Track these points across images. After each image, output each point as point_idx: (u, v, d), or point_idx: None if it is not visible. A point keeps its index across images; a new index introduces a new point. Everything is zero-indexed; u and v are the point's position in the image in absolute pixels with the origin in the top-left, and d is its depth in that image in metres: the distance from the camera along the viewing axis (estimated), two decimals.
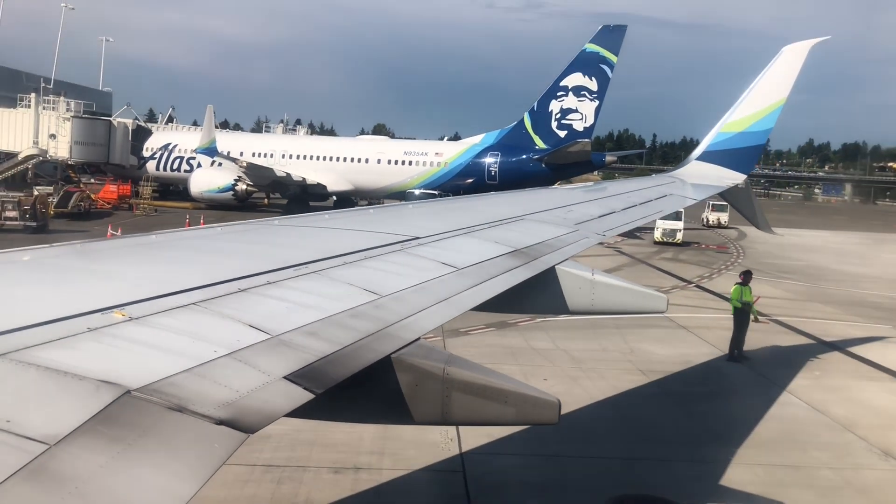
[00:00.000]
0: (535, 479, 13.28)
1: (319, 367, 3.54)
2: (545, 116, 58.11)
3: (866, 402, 18.60)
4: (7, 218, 41.84)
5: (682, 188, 16.15)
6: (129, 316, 3.52)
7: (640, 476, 13.70)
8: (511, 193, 14.23)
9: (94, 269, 4.46)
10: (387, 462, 13.40)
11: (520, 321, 24.25)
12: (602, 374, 19.81)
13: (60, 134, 63.71)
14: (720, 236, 59.96)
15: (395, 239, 6.46)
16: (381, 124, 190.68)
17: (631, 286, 8.32)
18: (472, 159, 59.00)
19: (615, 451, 14.67)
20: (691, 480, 13.60)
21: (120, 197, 60.02)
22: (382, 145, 66.84)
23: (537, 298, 7.56)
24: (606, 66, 56.34)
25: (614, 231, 10.54)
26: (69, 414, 2.55)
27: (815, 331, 26.18)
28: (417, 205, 10.95)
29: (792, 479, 13.84)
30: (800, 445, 15.46)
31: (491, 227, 8.12)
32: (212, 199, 59.42)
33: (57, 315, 3.33)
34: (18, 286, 3.97)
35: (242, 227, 7.09)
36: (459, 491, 12.73)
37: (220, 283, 4.30)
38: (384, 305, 4.65)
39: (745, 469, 14.03)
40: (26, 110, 64.58)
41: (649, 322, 25.44)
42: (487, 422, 4.99)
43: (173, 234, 6.00)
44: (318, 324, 4.04)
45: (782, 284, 36.65)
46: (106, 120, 68.76)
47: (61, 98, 66.56)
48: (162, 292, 3.93)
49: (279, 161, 61.77)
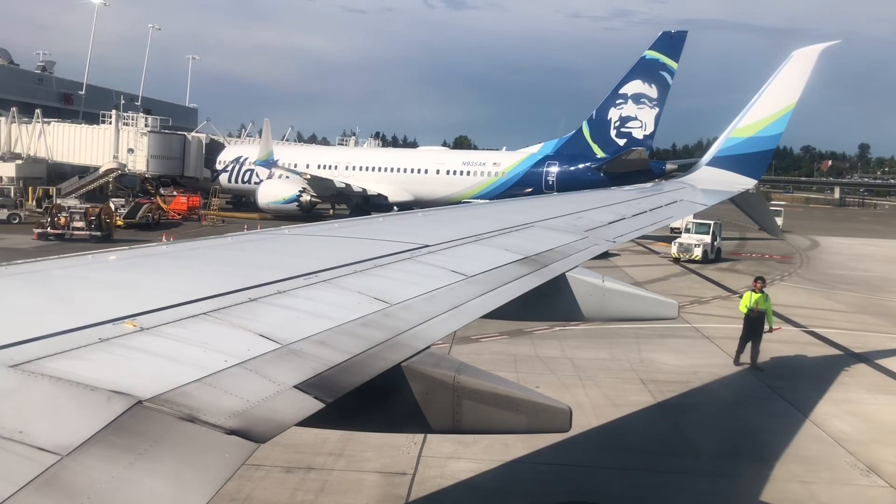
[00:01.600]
0: (483, 484, 13.37)
1: (330, 377, 3.54)
2: (604, 125, 57.73)
3: (871, 416, 18.10)
4: (75, 228, 44.50)
5: (693, 194, 16.09)
6: (140, 326, 3.53)
7: (593, 483, 13.63)
8: (520, 200, 14.24)
9: (106, 280, 4.48)
10: (341, 463, 13.62)
11: (536, 329, 24.15)
12: (599, 382, 19.61)
13: (138, 148, 67.48)
14: (789, 245, 58.12)
15: (404, 247, 6.46)
16: (463, 136, 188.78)
17: (641, 293, 8.30)
18: (530, 169, 59.03)
19: (575, 459, 14.46)
20: (645, 489, 13.50)
21: (189, 208, 62.32)
22: (441, 156, 68.32)
23: (548, 306, 7.54)
24: (667, 73, 55.81)
25: (624, 238, 10.50)
26: (81, 424, 2.56)
27: (848, 342, 25.32)
28: (427, 213, 10.95)
29: (755, 491, 13.59)
30: (779, 458, 15.08)
31: (500, 235, 8.11)
32: (278, 209, 60.75)
33: (69, 326, 3.34)
34: (31, 297, 3.99)
35: (253, 237, 7.12)
36: (401, 492, 12.86)
37: (231, 292, 4.30)
38: (394, 314, 4.64)
39: (709, 480, 13.91)
40: (108, 126, 68.70)
41: (672, 332, 25.24)
42: (499, 430, 4.97)
43: (184, 244, 6.02)
44: (329, 333, 4.04)
45: (836, 295, 35.66)
46: (181, 135, 72.52)
47: (140, 114, 70.63)
48: (173, 302, 3.94)
49: (343, 172, 63.41)
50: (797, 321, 28.46)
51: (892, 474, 14.36)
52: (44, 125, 69.78)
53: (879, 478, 14.23)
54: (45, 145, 69.58)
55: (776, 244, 58.50)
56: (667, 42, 56.04)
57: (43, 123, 69.85)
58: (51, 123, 70.40)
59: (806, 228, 72.10)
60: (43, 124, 69.82)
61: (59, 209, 46.03)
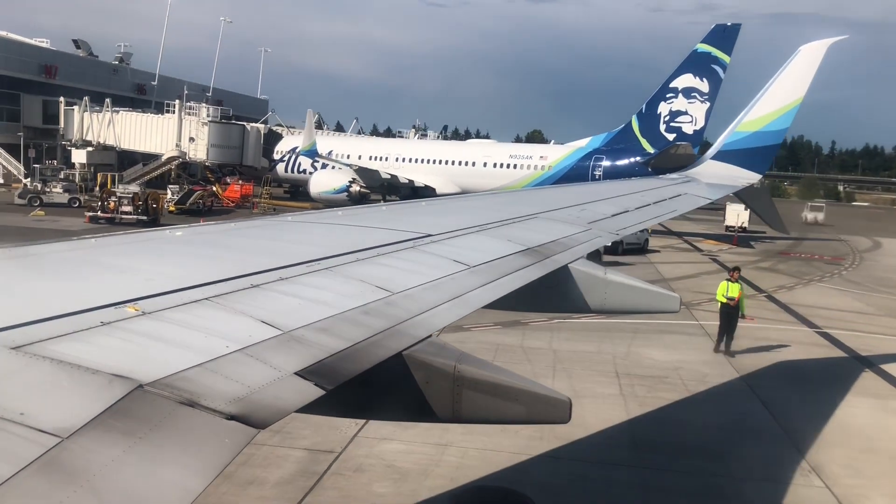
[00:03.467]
0: (406, 465, 13.56)
1: (330, 364, 3.55)
2: (653, 119, 56.87)
3: (842, 418, 17.64)
4: (123, 212, 47.24)
5: (697, 187, 16.06)
6: (142, 310, 3.54)
7: (516, 471, 13.69)
8: (524, 191, 14.23)
9: (109, 264, 4.49)
10: (275, 439, 13.79)
11: (535, 321, 24.11)
12: (571, 374, 19.45)
13: (199, 137, 70.24)
14: (847, 246, 56.76)
15: (407, 236, 6.46)
16: (537, 130, 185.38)
17: (644, 286, 8.28)
18: (577, 162, 58.43)
19: (505, 445, 14.44)
20: (568, 478, 13.51)
21: (242, 196, 63.76)
22: (489, 149, 68.51)
23: (550, 297, 7.53)
24: (718, 67, 54.53)
25: (627, 230, 10.49)
26: (82, 407, 2.57)
27: (857, 345, 24.70)
28: (431, 202, 10.95)
29: (681, 485, 13.60)
30: (721, 456, 14.99)
31: (504, 226, 8.11)
32: (329, 199, 61.27)
33: (71, 309, 3.35)
34: (33, 280, 4.00)
35: (255, 223, 7.12)
36: (319, 469, 13.08)
37: (233, 278, 4.31)
38: (396, 302, 4.65)
39: (633, 472, 13.89)
40: (171, 116, 72.08)
41: (673, 328, 25.15)
42: (498, 420, 4.98)
43: (187, 229, 6.03)
44: (330, 320, 4.05)
45: (869, 298, 34.76)
46: (240, 125, 75.17)
47: (202, 104, 74.27)
48: (175, 287, 3.95)
49: (392, 164, 64.04)
50: (814, 322, 28.04)
51: (832, 475, 14.22)
52: (112, 114, 73.24)
53: (818, 478, 14.08)
54: (113, 133, 73.20)
55: (834, 245, 57.46)
56: (719, 35, 54.64)
57: (112, 112, 73.31)
58: (119, 112, 73.88)
59: (876, 230, 70.50)
60: (112, 113, 73.28)
61: (109, 194, 49.03)
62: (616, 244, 43.65)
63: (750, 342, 24.09)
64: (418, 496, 12.67)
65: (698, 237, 57.35)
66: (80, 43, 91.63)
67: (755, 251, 50.97)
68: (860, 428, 17.10)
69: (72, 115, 75.14)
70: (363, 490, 12.73)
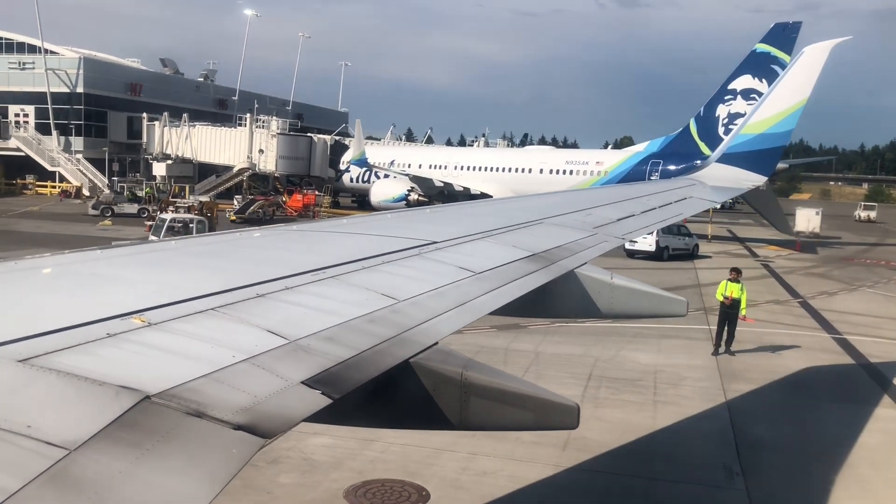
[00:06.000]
0: (322, 458, 13.80)
1: (337, 373, 3.54)
2: (712, 122, 55.87)
3: (810, 422, 17.13)
4: None
5: (702, 191, 16.02)
6: (148, 321, 3.54)
7: (426, 464, 13.76)
8: (529, 197, 14.22)
9: (115, 275, 4.49)
10: None
11: (534, 324, 24.00)
12: (541, 375, 19.12)
13: (268, 149, 73.03)
14: None
15: (413, 244, 6.46)
16: (627, 137, 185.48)
17: (650, 290, 8.27)
18: (634, 167, 58.07)
19: (431, 442, 14.37)
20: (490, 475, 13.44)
21: (304, 205, 65.05)
22: (545, 155, 69.57)
23: (556, 302, 7.53)
24: (778, 67, 52.66)
25: (633, 234, 10.47)
26: (89, 419, 2.56)
27: (872, 351, 23.85)
28: (435, 209, 10.96)
29: (598, 485, 13.53)
30: (651, 457, 14.76)
31: (509, 232, 8.10)
32: (388, 208, 62.52)
33: (77, 321, 3.35)
34: (39, 292, 4.01)
35: (260, 233, 7.12)
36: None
37: (239, 288, 4.31)
38: (402, 310, 4.64)
39: (547, 468, 13.82)
40: (243, 129, 75.40)
41: (678, 333, 24.91)
42: (506, 427, 4.97)
43: (191, 239, 6.04)
44: (336, 329, 4.04)
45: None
46: (307, 136, 78.18)
47: (272, 117, 77.25)
48: (181, 298, 3.95)
49: (451, 172, 65.16)
50: (837, 328, 27.40)
51: (757, 482, 13.94)
52: (189, 128, 77.00)
53: (742, 480, 13.87)
54: (190, 147, 76.86)
55: None
56: (779, 34, 53.36)
57: (189, 126, 77.06)
58: (196, 126, 77.61)
59: None
60: (189, 127, 77.05)
61: (167, 204, 50.92)
62: (661, 250, 43.80)
63: (754, 346, 23.93)
64: (319, 487, 12.86)
65: (761, 243, 56.22)
66: (166, 62, 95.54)
67: (816, 257, 49.69)
68: (820, 434, 16.59)
69: (153, 130, 78.69)
70: (267, 481, 12.86)
